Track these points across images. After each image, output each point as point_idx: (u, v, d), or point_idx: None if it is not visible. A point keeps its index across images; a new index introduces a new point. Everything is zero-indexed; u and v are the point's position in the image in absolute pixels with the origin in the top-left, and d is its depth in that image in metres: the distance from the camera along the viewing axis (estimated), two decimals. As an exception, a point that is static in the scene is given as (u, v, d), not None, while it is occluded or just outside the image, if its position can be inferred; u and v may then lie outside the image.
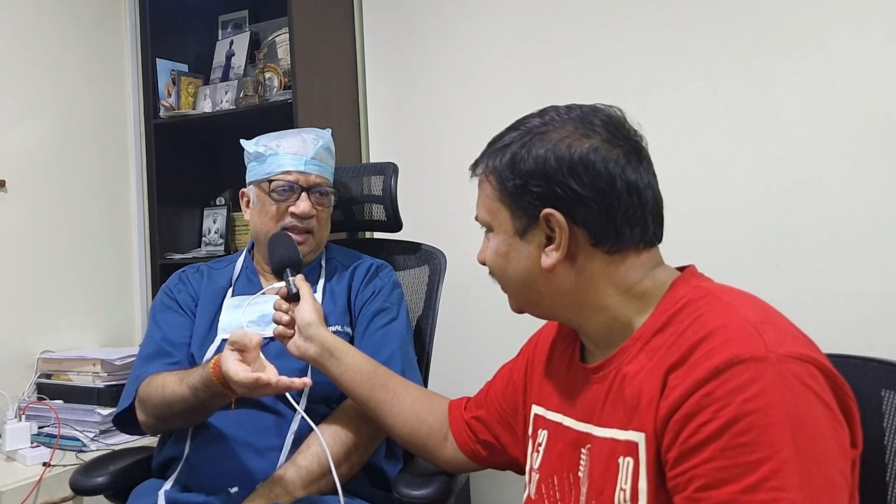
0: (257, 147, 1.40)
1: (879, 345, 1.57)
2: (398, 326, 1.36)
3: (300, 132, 1.43)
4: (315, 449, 1.19)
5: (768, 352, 0.70)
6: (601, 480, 0.81)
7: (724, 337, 0.73)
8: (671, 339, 0.78)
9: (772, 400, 0.68)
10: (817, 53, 1.75)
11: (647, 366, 0.79)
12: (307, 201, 1.37)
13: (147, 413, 1.27)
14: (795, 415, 0.68)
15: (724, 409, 0.69)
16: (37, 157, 2.21)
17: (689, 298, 0.80)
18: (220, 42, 2.54)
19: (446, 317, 1.62)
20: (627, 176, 0.82)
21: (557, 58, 2.06)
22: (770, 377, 0.69)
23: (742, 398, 0.68)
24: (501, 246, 0.89)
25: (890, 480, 0.81)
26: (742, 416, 0.68)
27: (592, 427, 0.85)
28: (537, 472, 0.93)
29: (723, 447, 0.68)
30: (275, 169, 1.37)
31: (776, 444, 0.67)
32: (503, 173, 0.86)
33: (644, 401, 0.77)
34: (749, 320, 0.74)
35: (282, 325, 1.19)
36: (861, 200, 1.70)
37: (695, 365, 0.73)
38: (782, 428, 0.67)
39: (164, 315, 1.40)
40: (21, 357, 2.12)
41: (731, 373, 0.70)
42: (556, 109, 0.88)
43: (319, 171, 1.40)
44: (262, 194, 1.39)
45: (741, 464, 0.67)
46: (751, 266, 1.79)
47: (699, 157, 1.87)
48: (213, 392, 1.14)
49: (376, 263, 1.47)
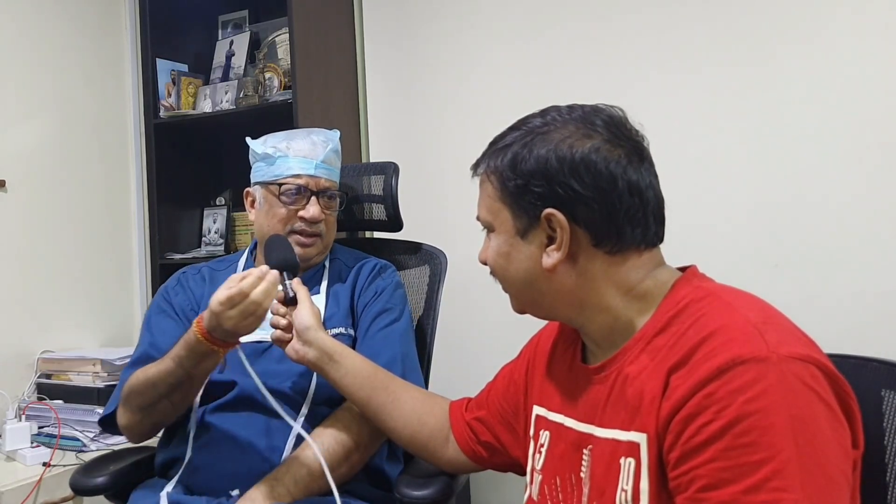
0: (265, 147, 1.38)
1: (879, 345, 1.57)
2: (400, 328, 1.35)
3: (309, 133, 1.41)
4: (314, 449, 1.19)
5: (770, 352, 0.70)
6: (603, 481, 0.81)
7: (726, 338, 0.73)
8: (672, 339, 0.78)
9: (773, 400, 0.68)
10: (818, 53, 1.75)
11: (648, 366, 0.79)
12: (317, 206, 1.35)
13: (131, 408, 1.24)
14: (797, 415, 0.68)
15: (726, 410, 0.69)
16: (37, 157, 2.21)
17: (691, 299, 0.80)
18: (220, 42, 2.54)
19: (447, 317, 1.62)
20: (629, 176, 0.82)
21: (557, 58, 2.06)
22: (772, 378, 0.69)
23: (743, 399, 0.68)
24: (503, 246, 0.89)
25: (890, 480, 0.81)
26: (743, 417, 0.68)
27: (594, 428, 0.85)
28: (539, 473, 0.93)
29: (724, 447, 0.68)
30: (284, 171, 1.35)
31: (778, 444, 0.67)
32: (504, 173, 0.86)
33: (646, 401, 0.77)
34: (750, 321, 0.74)
35: (279, 329, 1.18)
36: (861, 200, 1.70)
37: (696, 365, 0.73)
38: (784, 428, 0.67)
39: (156, 319, 1.38)
40: (21, 357, 2.12)
41: (733, 373, 0.70)
42: (558, 109, 0.87)
43: (329, 175, 1.39)
44: (269, 196, 1.37)
45: (743, 464, 0.67)
46: (751, 266, 1.79)
47: (699, 157, 1.87)
48: (198, 353, 1.11)
49: (380, 264, 1.46)
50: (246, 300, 1.05)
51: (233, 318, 1.06)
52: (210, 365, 1.14)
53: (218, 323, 1.07)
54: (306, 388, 1.27)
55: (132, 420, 1.26)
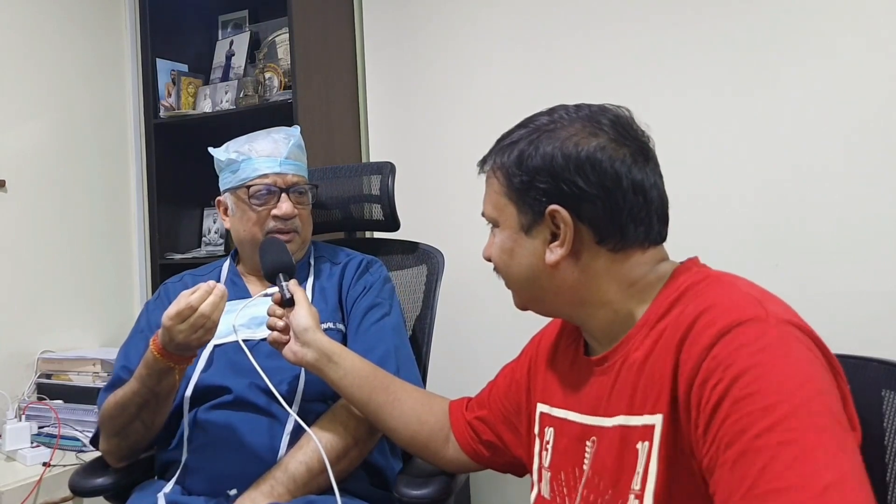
0: (228, 154, 1.38)
1: (879, 345, 1.57)
2: (391, 322, 1.35)
3: (269, 133, 1.42)
4: (313, 445, 1.18)
5: (769, 315, 0.72)
6: (616, 470, 0.81)
7: (726, 307, 0.75)
8: (675, 319, 0.78)
9: (775, 353, 0.69)
10: (818, 53, 1.75)
11: (654, 349, 0.79)
12: (288, 202, 1.36)
13: (107, 433, 1.27)
14: (799, 366, 0.69)
15: (731, 367, 0.69)
16: (37, 157, 2.21)
17: (691, 282, 0.81)
18: (220, 42, 2.54)
19: (444, 316, 1.62)
20: (633, 175, 0.82)
21: (557, 58, 2.06)
22: (772, 334, 0.70)
23: (746, 353, 0.70)
24: (506, 241, 0.89)
25: (890, 480, 0.81)
26: (747, 370, 0.69)
27: (600, 419, 0.85)
28: (548, 471, 0.93)
29: (733, 401, 0.68)
30: (251, 174, 1.35)
31: (784, 390, 0.67)
32: (510, 169, 0.86)
33: (657, 382, 0.77)
34: (751, 293, 0.76)
35: (276, 332, 1.17)
36: (861, 200, 1.70)
37: (699, 333, 0.74)
38: (788, 377, 0.68)
39: (133, 340, 1.38)
40: (21, 357, 2.12)
41: (734, 333, 0.71)
42: (566, 108, 0.88)
43: (295, 170, 1.39)
44: (240, 201, 1.37)
45: (752, 412, 0.67)
46: (750, 266, 1.78)
47: (698, 157, 1.87)
48: (156, 371, 1.14)
49: (366, 259, 1.46)
50: (195, 314, 1.07)
51: (183, 332, 1.08)
52: (171, 381, 1.17)
53: (170, 338, 1.10)
54: (295, 386, 1.26)
55: (110, 445, 1.28)
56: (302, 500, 1.15)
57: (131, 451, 1.30)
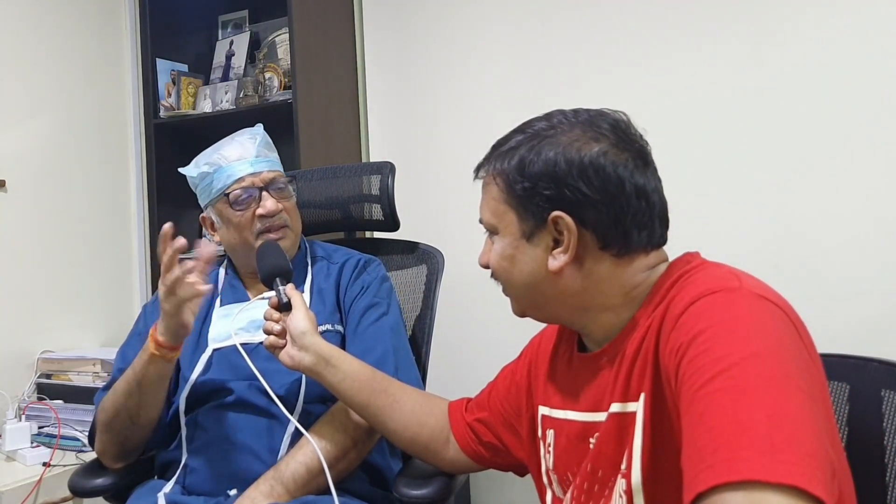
0: (199, 168, 1.37)
1: (879, 345, 1.57)
2: (389, 322, 1.34)
3: (233, 138, 1.40)
4: (312, 445, 1.18)
5: (742, 286, 0.73)
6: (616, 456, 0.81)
7: (702, 280, 0.76)
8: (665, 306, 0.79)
9: (738, 313, 0.69)
10: (818, 52, 1.75)
11: (646, 336, 0.80)
12: (270, 199, 1.34)
13: (99, 429, 1.28)
14: (759, 324, 0.68)
15: (692, 329, 0.70)
16: (37, 157, 2.21)
17: (682, 272, 0.82)
18: (220, 42, 2.54)
19: (444, 317, 1.62)
20: (636, 180, 0.82)
21: (557, 58, 2.06)
22: (741, 303, 0.71)
23: (708, 314, 0.70)
24: (507, 248, 0.88)
25: (890, 481, 0.81)
26: (707, 328, 0.69)
27: (599, 414, 0.85)
28: (554, 473, 0.93)
29: (689, 359, 0.68)
30: (226, 181, 1.34)
31: (735, 342, 0.66)
32: (511, 175, 0.85)
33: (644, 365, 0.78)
34: (731, 270, 0.78)
35: (273, 335, 1.16)
36: (861, 200, 1.70)
37: (674, 306, 0.76)
38: (743, 331, 0.67)
39: (131, 342, 1.38)
40: (21, 357, 2.12)
41: (704, 300, 0.72)
42: (563, 113, 0.87)
43: (269, 167, 1.37)
44: (224, 212, 1.36)
45: (701, 365, 0.67)
46: (750, 267, 1.76)
47: (698, 157, 1.87)
48: (143, 358, 1.17)
49: (364, 258, 1.45)
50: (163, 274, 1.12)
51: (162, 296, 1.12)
52: (155, 371, 1.19)
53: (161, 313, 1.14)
54: (297, 388, 1.26)
55: (101, 442, 1.29)
56: (301, 500, 1.15)
57: (121, 447, 1.29)
